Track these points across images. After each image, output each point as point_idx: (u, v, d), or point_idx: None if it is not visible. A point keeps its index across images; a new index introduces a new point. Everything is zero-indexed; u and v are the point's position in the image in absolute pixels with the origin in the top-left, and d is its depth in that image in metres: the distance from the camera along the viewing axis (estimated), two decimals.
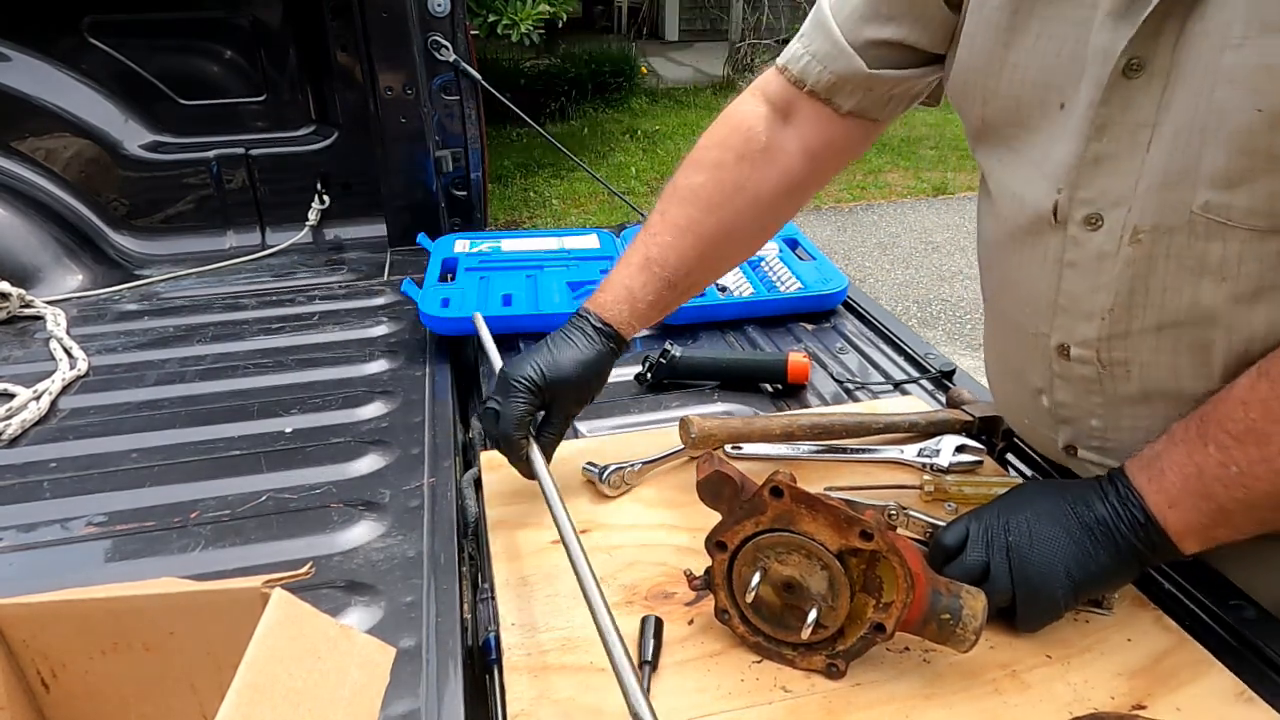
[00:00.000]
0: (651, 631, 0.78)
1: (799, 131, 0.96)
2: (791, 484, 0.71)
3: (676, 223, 0.96)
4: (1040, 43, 0.74)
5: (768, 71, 0.99)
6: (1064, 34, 0.72)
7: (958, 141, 6.94)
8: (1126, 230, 0.72)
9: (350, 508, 1.05)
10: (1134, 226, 0.71)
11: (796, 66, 0.94)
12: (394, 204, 1.97)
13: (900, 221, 5.45)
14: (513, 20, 5.17)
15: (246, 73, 2.02)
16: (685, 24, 10.60)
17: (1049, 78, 0.74)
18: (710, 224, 0.95)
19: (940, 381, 1.32)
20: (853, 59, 0.89)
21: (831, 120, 0.94)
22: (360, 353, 1.45)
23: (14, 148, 1.90)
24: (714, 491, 0.76)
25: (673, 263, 0.95)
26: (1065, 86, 0.73)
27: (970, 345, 4.00)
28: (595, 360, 0.93)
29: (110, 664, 0.63)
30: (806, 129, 0.95)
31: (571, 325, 0.95)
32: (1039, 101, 0.76)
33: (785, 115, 0.96)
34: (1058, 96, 0.74)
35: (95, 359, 1.44)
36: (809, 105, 0.94)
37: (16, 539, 1.01)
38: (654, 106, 7.84)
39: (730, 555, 0.76)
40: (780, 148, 0.96)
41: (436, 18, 1.82)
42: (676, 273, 0.95)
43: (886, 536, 0.69)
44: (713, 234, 0.96)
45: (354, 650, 0.58)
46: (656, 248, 0.95)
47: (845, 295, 1.57)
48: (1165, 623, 0.79)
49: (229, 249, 2.03)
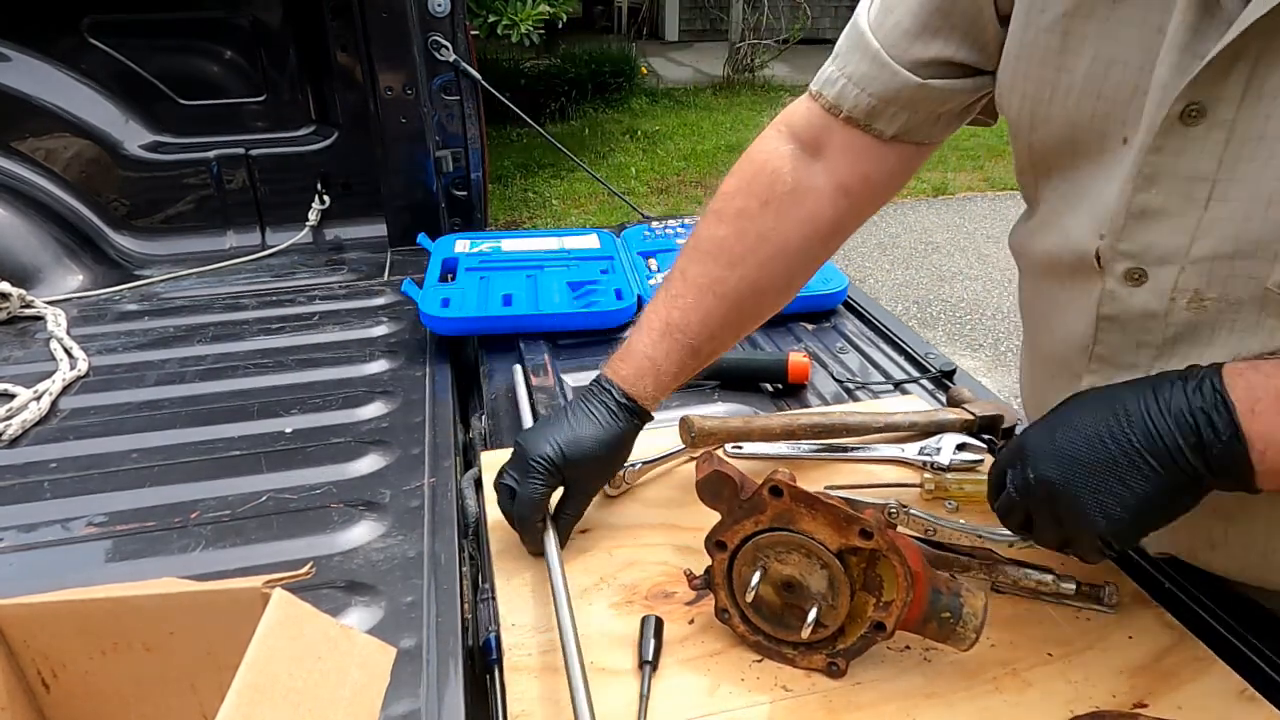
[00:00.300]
0: (652, 631, 0.78)
1: (831, 166, 0.87)
2: (791, 483, 0.71)
3: (698, 282, 0.88)
4: (1095, 67, 0.67)
5: (794, 102, 0.91)
6: (1124, 59, 0.65)
7: (958, 141, 6.94)
8: (1181, 293, 0.66)
9: (350, 508, 1.05)
10: (1194, 290, 0.65)
11: (832, 91, 0.85)
12: (394, 204, 1.97)
13: (900, 221, 5.45)
14: (513, 20, 5.17)
15: (247, 73, 2.02)
16: (685, 24, 10.59)
17: (1108, 108, 0.67)
18: (734, 281, 0.87)
19: (940, 381, 1.32)
20: (897, 74, 0.80)
21: (870, 149, 0.85)
22: (360, 353, 1.45)
23: (14, 148, 1.90)
24: (713, 491, 0.76)
25: (695, 327, 0.87)
26: (1128, 120, 0.66)
27: (970, 345, 4.00)
28: (617, 438, 0.87)
29: (110, 664, 0.63)
30: (840, 163, 0.87)
31: (592, 397, 0.89)
32: (1098, 133, 0.69)
33: (815, 150, 0.88)
34: (1120, 130, 0.67)
35: (95, 359, 1.44)
36: (844, 134, 0.86)
37: (17, 539, 1.01)
38: (654, 106, 7.84)
39: (730, 555, 0.76)
40: (809, 187, 0.87)
41: (436, 18, 1.82)
42: (699, 337, 0.88)
43: (886, 535, 0.69)
44: (737, 292, 0.88)
45: (354, 650, 0.57)
46: (678, 311, 0.88)
47: (845, 295, 1.57)
48: (1167, 620, 0.79)
49: (229, 249, 2.02)
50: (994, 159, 6.56)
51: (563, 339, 1.46)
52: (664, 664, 0.77)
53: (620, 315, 1.49)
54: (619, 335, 1.49)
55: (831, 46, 0.89)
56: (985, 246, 5.06)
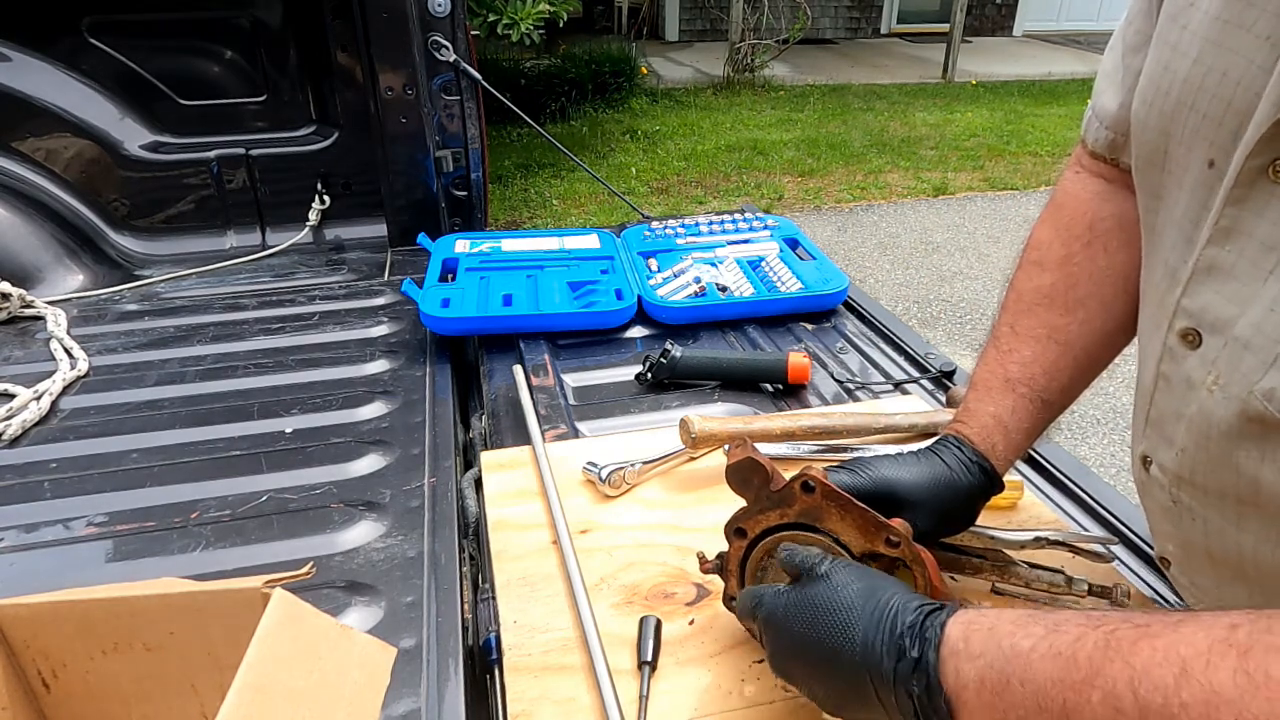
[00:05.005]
0: (651, 632, 0.78)
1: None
2: (824, 480, 0.70)
3: (1034, 333, 0.80)
4: (1195, 71, 0.58)
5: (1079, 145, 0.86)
6: (1232, 70, 0.55)
7: (958, 141, 6.94)
8: (1218, 368, 0.57)
9: (351, 508, 1.05)
10: (1241, 372, 0.56)
11: (1089, 135, 0.82)
12: (394, 204, 1.97)
13: (900, 221, 5.45)
14: (513, 20, 5.17)
15: (247, 73, 2.02)
16: (685, 24, 10.60)
17: (1197, 122, 0.58)
18: (1076, 326, 0.79)
19: (940, 381, 1.32)
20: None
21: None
22: (360, 353, 1.45)
23: (14, 148, 1.90)
24: (743, 478, 0.74)
25: (1041, 380, 0.79)
26: (1217, 140, 0.57)
27: (970, 345, 3.99)
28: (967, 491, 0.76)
29: (110, 664, 0.63)
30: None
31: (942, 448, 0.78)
32: (1185, 146, 0.60)
33: (1121, 182, 0.81)
34: (1206, 150, 0.57)
35: (96, 359, 1.44)
36: (1112, 169, 0.81)
37: (17, 539, 1.01)
38: (654, 106, 7.83)
39: (749, 543, 0.75)
40: (1131, 220, 0.76)
41: (436, 18, 1.82)
42: (1049, 390, 0.79)
43: (913, 546, 0.68)
44: (1082, 336, 0.79)
45: (354, 650, 0.58)
46: (1016, 365, 0.79)
47: (846, 295, 1.57)
48: None
49: (229, 249, 2.03)
50: (994, 159, 6.56)
51: (563, 339, 1.46)
52: (663, 664, 0.77)
53: (620, 315, 1.49)
54: (619, 335, 1.49)
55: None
56: (985, 246, 5.06)
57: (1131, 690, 0.42)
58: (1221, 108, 0.56)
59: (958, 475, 0.76)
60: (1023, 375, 0.79)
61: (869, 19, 11.12)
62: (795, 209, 5.62)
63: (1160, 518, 0.70)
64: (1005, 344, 0.81)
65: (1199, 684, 0.40)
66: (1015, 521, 0.96)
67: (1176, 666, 0.41)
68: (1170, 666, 0.42)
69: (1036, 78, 9.12)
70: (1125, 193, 0.79)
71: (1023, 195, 5.89)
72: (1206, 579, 0.68)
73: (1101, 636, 0.45)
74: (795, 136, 7.02)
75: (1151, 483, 0.69)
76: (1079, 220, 0.82)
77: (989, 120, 7.52)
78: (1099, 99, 0.80)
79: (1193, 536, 0.66)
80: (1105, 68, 0.80)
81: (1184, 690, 0.40)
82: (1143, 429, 0.69)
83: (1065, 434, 3.22)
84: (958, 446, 0.77)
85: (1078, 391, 0.81)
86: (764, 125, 7.35)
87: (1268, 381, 0.53)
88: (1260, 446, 0.55)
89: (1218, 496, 0.61)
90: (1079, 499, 1.03)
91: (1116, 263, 0.79)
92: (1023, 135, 7.07)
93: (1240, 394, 0.55)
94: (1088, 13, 11.40)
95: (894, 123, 7.45)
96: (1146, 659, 0.43)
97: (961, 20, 8.85)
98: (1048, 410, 0.79)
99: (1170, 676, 0.41)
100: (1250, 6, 0.54)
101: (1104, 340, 0.80)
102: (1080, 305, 0.79)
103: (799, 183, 6.07)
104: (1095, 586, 0.80)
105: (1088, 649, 0.45)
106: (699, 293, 1.53)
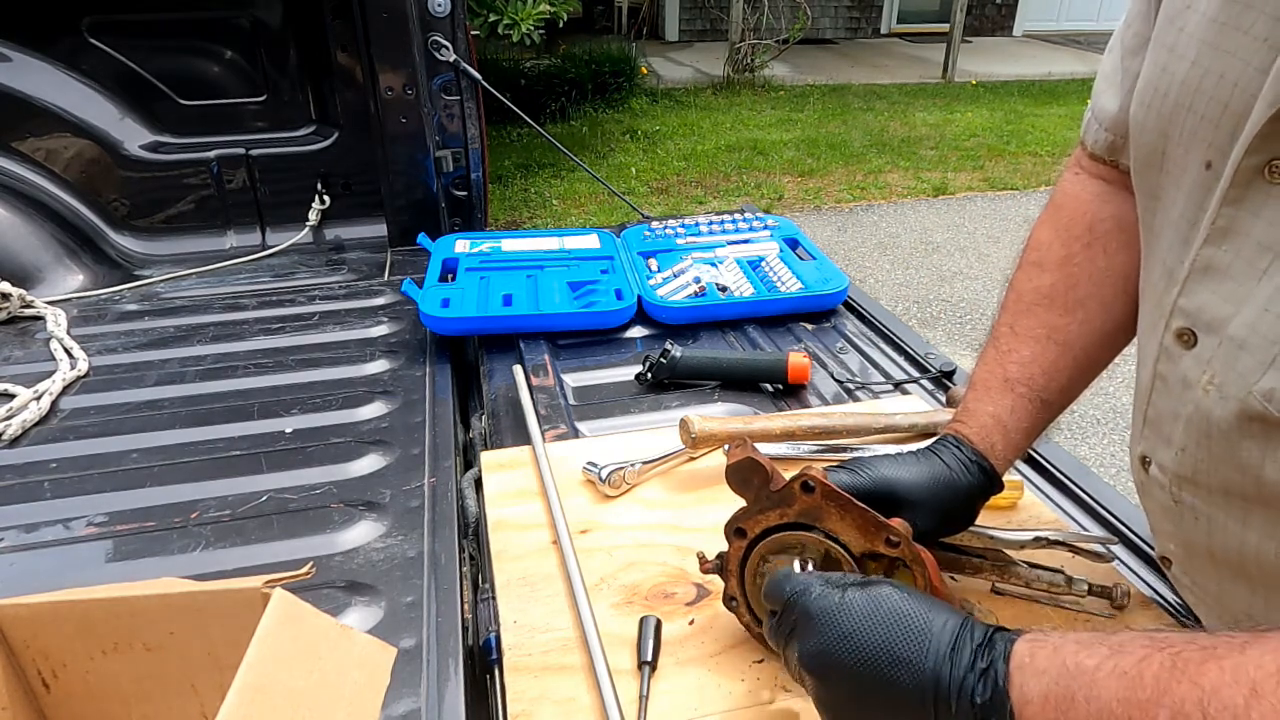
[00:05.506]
0: (651, 632, 0.78)
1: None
2: (824, 480, 0.70)
3: (1033, 333, 0.81)
4: (1193, 73, 0.58)
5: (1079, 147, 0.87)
6: (1229, 72, 0.56)
7: (958, 141, 6.94)
8: (1214, 366, 0.58)
9: (351, 508, 1.05)
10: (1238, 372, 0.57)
11: (1088, 137, 0.82)
12: (394, 204, 1.97)
13: (900, 221, 5.45)
14: (513, 20, 5.17)
15: (247, 73, 2.02)
16: (685, 24, 10.60)
17: (1196, 124, 0.59)
18: (1075, 327, 0.80)
19: (940, 381, 1.32)
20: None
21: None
22: (360, 353, 1.45)
23: (14, 148, 1.90)
24: (743, 478, 0.74)
25: (1040, 380, 0.79)
26: (1214, 141, 0.57)
27: (970, 345, 3.99)
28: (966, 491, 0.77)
29: (110, 664, 0.63)
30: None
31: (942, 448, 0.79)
32: (1183, 148, 0.60)
33: (1120, 183, 0.81)
34: (1203, 152, 0.58)
35: (96, 359, 1.44)
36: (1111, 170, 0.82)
37: (17, 539, 1.01)
38: (654, 106, 7.84)
39: (749, 543, 0.75)
40: (1131, 221, 0.77)
41: (436, 18, 1.82)
42: (1048, 390, 0.79)
43: (913, 546, 0.68)
44: (1081, 337, 0.80)
45: (354, 650, 0.58)
46: (1015, 365, 0.80)
47: (846, 295, 1.57)
48: (1167, 621, 0.80)
49: (229, 249, 2.03)
50: (994, 159, 6.56)
51: (563, 339, 1.46)
52: (663, 664, 0.77)
53: (620, 315, 1.49)
54: (619, 335, 1.49)
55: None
56: (985, 246, 5.06)
57: (1201, 710, 0.42)
58: (1219, 109, 0.57)
59: (957, 475, 0.76)
60: (1022, 375, 0.79)
61: (869, 19, 11.12)
62: (795, 209, 5.62)
63: (1161, 517, 0.71)
64: (1005, 344, 0.82)
65: (1270, 705, 0.40)
66: (1015, 521, 0.96)
67: (1246, 687, 0.41)
68: (1240, 687, 0.41)
69: (1036, 78, 9.12)
70: (1125, 194, 0.79)
71: (1023, 195, 5.89)
72: (1208, 578, 0.68)
73: (1167, 657, 0.45)
74: (795, 136, 7.02)
75: (1151, 483, 0.69)
76: (1079, 221, 0.82)
77: (989, 120, 7.52)
78: (1098, 101, 0.80)
79: (1195, 536, 0.66)
80: (1104, 70, 0.80)
81: (1254, 711, 0.40)
82: (1141, 429, 0.70)
83: (1065, 434, 3.22)
84: (957, 446, 0.78)
85: (1077, 392, 0.82)
86: (764, 125, 7.35)
87: (1267, 382, 0.54)
88: (1261, 445, 0.56)
89: (1221, 495, 0.61)
90: (1079, 499, 1.03)
91: (1116, 264, 0.79)
92: (1023, 135, 7.07)
93: (1238, 394, 0.56)
94: (1088, 13, 11.40)
95: (894, 123, 7.45)
96: (1215, 679, 0.42)
97: (961, 20, 8.86)
98: (1047, 410, 0.80)
99: (1240, 697, 0.41)
100: (1247, 9, 0.55)
101: (1103, 341, 0.81)
102: (1080, 306, 0.80)
103: (799, 183, 6.07)
104: (1095, 586, 0.80)
105: (1154, 669, 0.45)
106: (699, 293, 1.53)
